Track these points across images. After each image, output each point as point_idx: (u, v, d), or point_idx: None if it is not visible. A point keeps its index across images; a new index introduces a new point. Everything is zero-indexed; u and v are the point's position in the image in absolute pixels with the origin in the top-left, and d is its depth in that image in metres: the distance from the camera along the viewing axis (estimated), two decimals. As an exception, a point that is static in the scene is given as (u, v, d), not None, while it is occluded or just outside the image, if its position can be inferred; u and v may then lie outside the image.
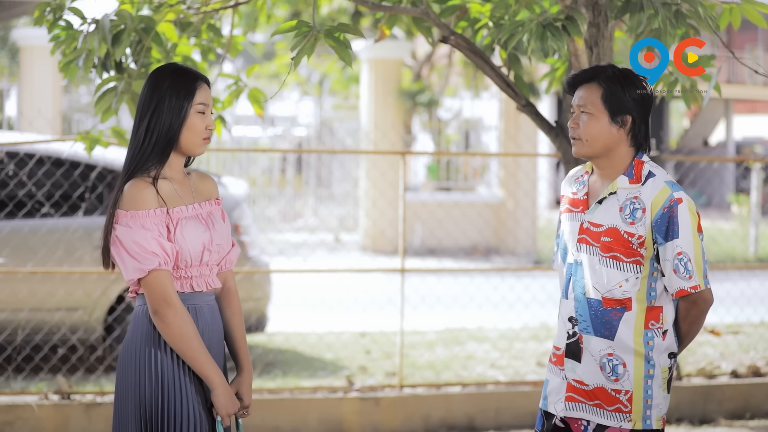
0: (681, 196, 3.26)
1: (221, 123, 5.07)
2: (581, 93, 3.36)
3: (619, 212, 3.29)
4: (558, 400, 3.38)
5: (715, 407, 6.97)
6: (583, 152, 3.35)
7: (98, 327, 7.32)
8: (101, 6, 4.95)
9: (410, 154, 9.11)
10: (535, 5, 4.40)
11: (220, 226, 3.33)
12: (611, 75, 3.33)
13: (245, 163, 18.75)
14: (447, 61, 20.03)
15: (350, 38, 3.78)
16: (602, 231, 3.30)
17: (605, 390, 3.30)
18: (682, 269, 3.24)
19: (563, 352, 3.38)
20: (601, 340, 3.29)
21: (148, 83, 3.27)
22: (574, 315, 3.34)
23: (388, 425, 6.59)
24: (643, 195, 3.27)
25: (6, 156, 7.28)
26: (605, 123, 3.31)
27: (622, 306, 3.28)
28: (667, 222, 3.23)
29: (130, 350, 3.21)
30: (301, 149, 12.95)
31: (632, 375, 3.27)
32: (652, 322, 3.28)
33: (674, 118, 34.06)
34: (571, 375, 3.35)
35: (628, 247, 3.26)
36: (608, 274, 3.28)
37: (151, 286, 3.14)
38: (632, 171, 3.32)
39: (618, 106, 3.31)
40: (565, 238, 3.43)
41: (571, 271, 3.38)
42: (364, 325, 9.63)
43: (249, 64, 28.60)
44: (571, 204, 3.44)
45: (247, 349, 3.41)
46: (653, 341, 3.28)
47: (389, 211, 15.74)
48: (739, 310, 9.75)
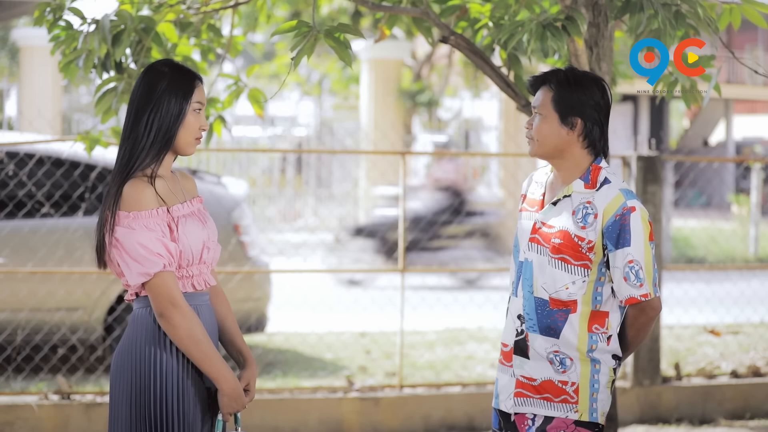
0: (634, 205, 3.28)
1: (221, 123, 5.07)
2: (537, 95, 3.41)
3: (571, 215, 3.32)
4: (507, 397, 3.41)
5: (715, 407, 6.97)
6: (535, 152, 3.40)
7: (98, 327, 7.32)
8: (101, 6, 4.95)
9: (410, 154, 9.11)
10: (535, 5, 4.40)
11: (211, 222, 3.33)
12: (563, 78, 3.37)
13: (245, 163, 18.75)
14: (447, 61, 20.03)
15: (350, 38, 3.78)
16: (553, 232, 3.33)
17: (552, 382, 3.33)
18: (633, 277, 3.27)
19: (511, 348, 3.40)
20: (546, 338, 3.33)
21: (144, 80, 3.22)
22: (522, 313, 3.38)
23: (388, 425, 6.59)
24: (597, 201, 3.30)
25: (6, 156, 7.28)
26: (555, 124, 3.35)
27: (567, 308, 3.31)
28: (619, 229, 3.26)
29: (129, 352, 3.18)
30: (301, 149, 12.95)
31: (579, 368, 3.31)
32: (596, 326, 3.32)
33: (674, 118, 34.05)
34: (519, 371, 3.38)
35: (578, 251, 3.29)
36: (556, 275, 3.31)
37: (157, 288, 3.11)
38: (588, 176, 3.35)
39: (567, 109, 3.34)
40: (518, 236, 3.46)
41: (521, 269, 3.41)
42: (364, 325, 9.63)
43: (249, 64, 28.60)
44: (527, 203, 3.49)
45: (245, 342, 3.40)
46: (597, 345, 3.32)
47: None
48: (739, 310, 9.75)
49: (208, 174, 8.42)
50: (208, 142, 5.12)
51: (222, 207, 7.65)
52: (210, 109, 5.03)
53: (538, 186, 3.48)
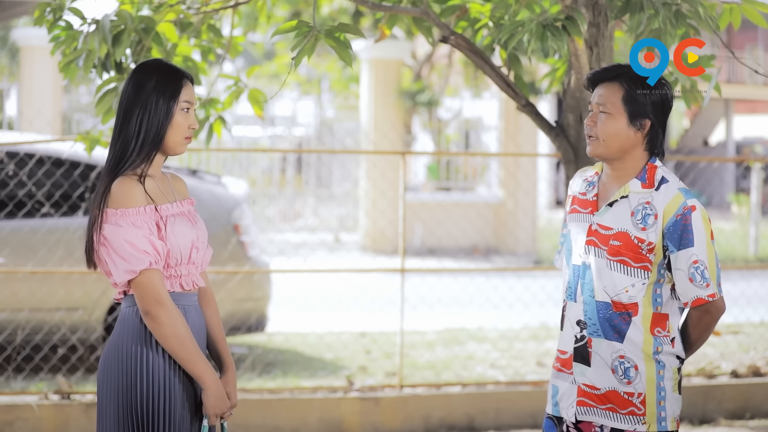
0: (695, 204, 3.21)
1: (221, 123, 5.07)
2: (601, 91, 3.29)
3: (630, 216, 3.23)
4: (569, 405, 3.32)
5: (715, 407, 6.97)
6: (598, 152, 3.29)
7: (98, 327, 7.32)
8: (101, 6, 4.94)
9: (410, 154, 9.12)
10: (535, 5, 4.40)
11: (201, 224, 3.33)
12: (635, 76, 3.27)
13: (245, 163, 18.74)
14: (447, 61, 20.03)
15: (350, 38, 3.78)
16: (611, 234, 3.25)
17: (618, 393, 3.24)
18: (699, 278, 3.19)
19: (571, 355, 3.32)
20: (612, 343, 3.24)
21: (133, 80, 3.22)
22: (583, 318, 3.28)
23: (388, 425, 6.59)
24: (656, 201, 3.22)
25: (6, 156, 7.28)
26: (623, 124, 3.25)
27: (629, 311, 3.23)
28: (681, 230, 3.18)
29: (117, 351, 3.17)
30: (301, 149, 12.95)
31: (644, 377, 3.23)
32: (659, 330, 3.24)
33: (674, 118, 34.04)
34: (581, 379, 3.29)
35: (638, 252, 3.21)
36: (615, 278, 3.23)
37: (142, 286, 3.10)
38: (645, 175, 3.26)
39: (638, 109, 3.25)
40: (571, 239, 3.37)
41: (578, 273, 3.31)
42: (364, 325, 9.63)
43: (249, 64, 28.59)
44: (579, 204, 3.38)
45: (228, 348, 3.40)
46: (662, 347, 3.24)
47: (389, 211, 15.74)
48: (739, 310, 9.74)
49: (208, 174, 8.42)
50: (208, 142, 5.12)
51: (222, 207, 7.65)
52: (210, 109, 5.03)
53: (590, 187, 3.38)
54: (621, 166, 3.30)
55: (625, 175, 3.30)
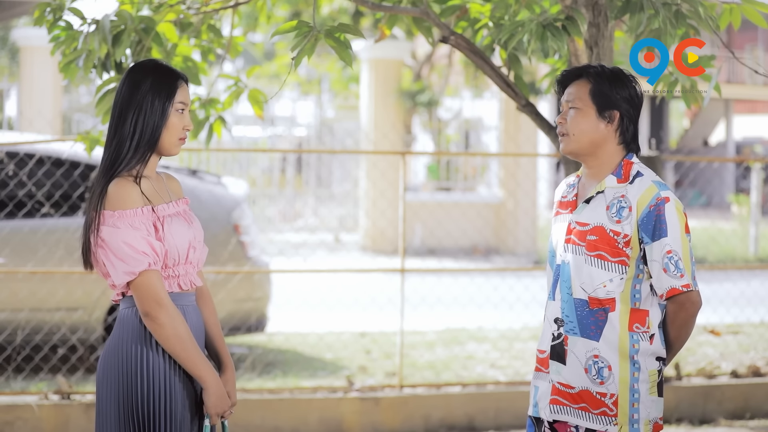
0: (668, 195, 3.23)
1: (221, 123, 5.07)
2: (570, 89, 3.34)
3: (605, 211, 3.26)
4: (546, 404, 3.32)
5: (715, 407, 6.97)
6: (571, 148, 3.32)
7: (98, 327, 7.32)
8: (101, 6, 4.94)
9: (410, 154, 9.12)
10: (535, 5, 4.41)
11: (197, 223, 3.33)
12: (600, 71, 3.32)
13: (245, 163, 18.75)
14: (447, 61, 20.03)
15: (350, 38, 3.78)
16: (588, 230, 3.27)
17: (590, 393, 3.24)
18: (673, 267, 3.19)
19: (548, 354, 3.33)
20: (587, 341, 3.24)
21: (128, 81, 3.21)
22: (560, 316, 3.31)
23: (388, 425, 6.59)
24: (630, 193, 3.25)
25: (6, 156, 7.28)
26: (593, 118, 3.29)
27: (606, 307, 3.24)
28: (654, 221, 3.20)
29: (116, 352, 3.17)
30: (301, 149, 12.96)
31: (617, 378, 3.22)
32: (637, 326, 3.23)
33: (674, 118, 34.06)
34: (556, 377, 3.30)
35: (614, 246, 3.23)
36: (593, 273, 3.25)
37: (142, 287, 3.10)
38: (621, 171, 3.30)
39: (606, 102, 3.29)
40: (553, 241, 3.40)
41: (558, 272, 3.35)
42: (364, 325, 9.63)
43: (249, 64, 28.60)
44: (560, 207, 3.43)
45: (226, 347, 3.40)
46: (639, 344, 3.23)
47: (389, 211, 15.75)
48: (739, 310, 9.75)
49: (208, 174, 8.42)
50: (208, 142, 5.12)
51: (222, 207, 7.65)
52: (210, 109, 5.03)
53: (570, 189, 3.42)
54: (596, 163, 3.33)
55: (601, 172, 3.33)
